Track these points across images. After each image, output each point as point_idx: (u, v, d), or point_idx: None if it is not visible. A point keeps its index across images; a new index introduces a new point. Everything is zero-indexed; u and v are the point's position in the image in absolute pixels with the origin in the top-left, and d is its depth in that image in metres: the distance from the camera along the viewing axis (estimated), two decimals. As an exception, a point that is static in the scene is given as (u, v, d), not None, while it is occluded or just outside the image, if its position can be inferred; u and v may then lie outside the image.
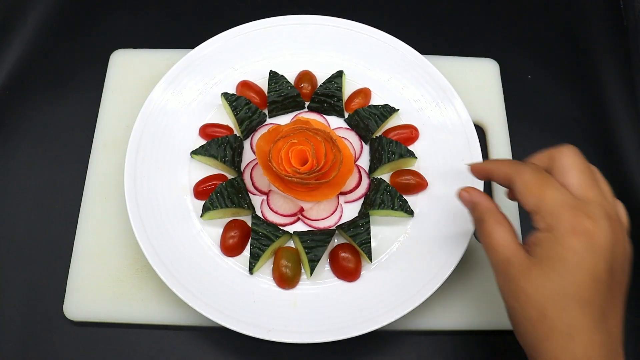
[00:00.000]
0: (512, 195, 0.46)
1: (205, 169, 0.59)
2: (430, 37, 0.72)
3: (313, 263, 0.53)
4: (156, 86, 0.61)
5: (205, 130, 0.60)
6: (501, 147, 0.63)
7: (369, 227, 0.55)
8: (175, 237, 0.54)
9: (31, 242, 0.59)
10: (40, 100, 0.67)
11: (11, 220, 0.60)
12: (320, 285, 0.53)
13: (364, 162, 0.60)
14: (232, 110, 0.60)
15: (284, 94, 0.61)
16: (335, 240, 0.56)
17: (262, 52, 0.65)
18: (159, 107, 0.60)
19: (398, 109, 0.62)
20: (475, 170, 0.47)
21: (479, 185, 0.56)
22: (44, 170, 0.63)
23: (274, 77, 0.62)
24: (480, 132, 0.65)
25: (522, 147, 0.64)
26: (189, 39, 0.69)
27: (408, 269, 0.54)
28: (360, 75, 0.64)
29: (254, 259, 0.53)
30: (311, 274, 0.53)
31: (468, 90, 0.65)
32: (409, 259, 0.54)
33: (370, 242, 0.54)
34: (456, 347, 0.55)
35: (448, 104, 0.61)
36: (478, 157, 0.58)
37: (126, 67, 0.67)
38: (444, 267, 0.52)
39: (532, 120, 0.67)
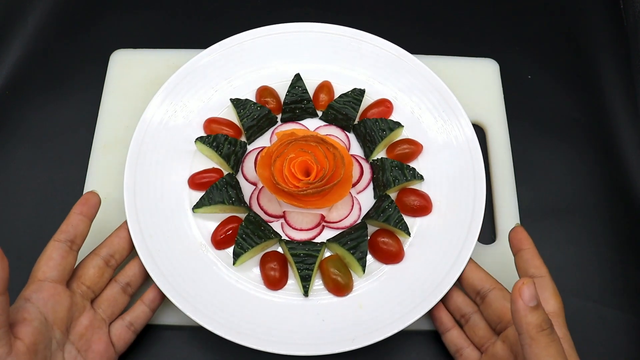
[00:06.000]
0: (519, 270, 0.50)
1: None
2: (430, 37, 0.72)
3: (362, 260, 0.53)
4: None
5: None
6: (501, 147, 0.63)
7: (396, 205, 0.55)
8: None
9: (31, 242, 0.59)
10: (40, 100, 0.67)
11: (11, 220, 0.60)
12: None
13: (355, 150, 0.61)
14: (215, 151, 0.57)
15: (256, 116, 0.60)
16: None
17: (216, 85, 0.63)
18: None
19: (364, 89, 0.62)
20: (517, 238, 0.50)
21: (480, 201, 0.56)
22: (44, 170, 0.63)
23: (238, 103, 0.60)
24: (480, 132, 0.65)
25: (522, 147, 0.64)
26: (189, 39, 0.69)
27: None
28: (316, 72, 0.64)
29: (307, 281, 0.52)
30: (364, 271, 0.53)
31: (468, 90, 0.65)
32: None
33: (403, 218, 0.54)
34: (456, 347, 0.55)
35: (435, 93, 0.61)
36: (478, 158, 0.58)
37: (126, 67, 0.67)
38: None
39: (532, 120, 0.67)
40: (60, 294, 0.47)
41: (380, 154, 0.61)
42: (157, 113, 0.60)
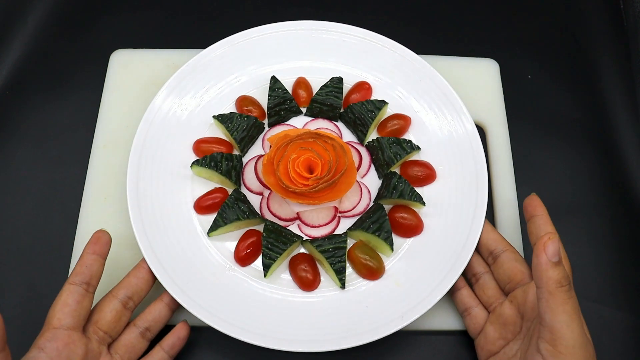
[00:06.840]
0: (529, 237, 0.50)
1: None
2: (430, 37, 0.72)
3: (389, 239, 0.53)
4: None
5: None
6: (501, 147, 0.63)
7: (405, 179, 0.56)
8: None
9: (31, 242, 0.59)
10: (40, 100, 0.67)
11: (11, 220, 0.60)
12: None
13: (347, 137, 0.62)
14: (215, 170, 0.57)
15: (245, 127, 0.60)
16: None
17: (193, 105, 0.62)
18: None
19: (341, 77, 0.63)
20: (532, 205, 0.49)
21: (480, 157, 0.57)
22: (44, 170, 0.63)
23: (224, 118, 0.60)
24: (480, 132, 0.65)
25: (522, 147, 0.64)
26: (189, 39, 0.69)
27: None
28: (288, 71, 0.64)
29: (342, 273, 0.53)
30: (392, 249, 0.54)
31: (468, 90, 0.65)
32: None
33: (415, 190, 0.56)
34: (456, 347, 0.55)
35: (408, 65, 0.63)
36: (467, 116, 0.59)
37: (126, 67, 0.67)
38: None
39: (532, 120, 0.67)
40: (75, 342, 0.45)
41: (372, 135, 0.61)
42: (145, 142, 0.59)
